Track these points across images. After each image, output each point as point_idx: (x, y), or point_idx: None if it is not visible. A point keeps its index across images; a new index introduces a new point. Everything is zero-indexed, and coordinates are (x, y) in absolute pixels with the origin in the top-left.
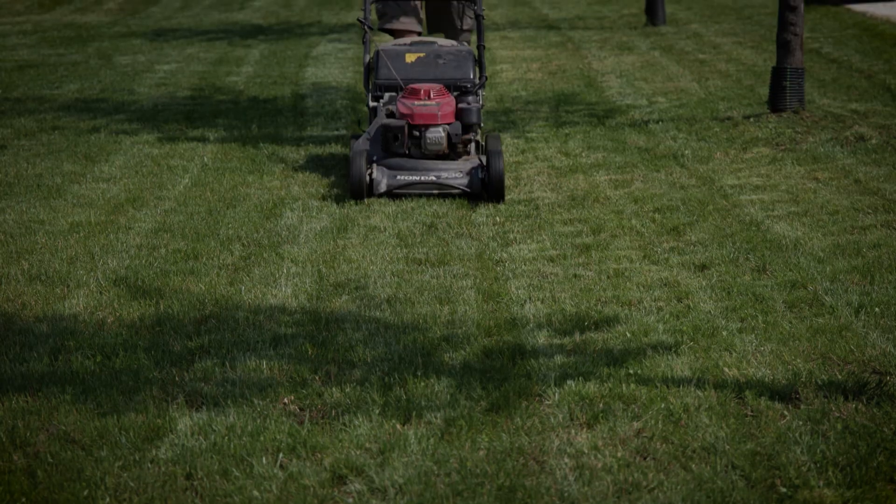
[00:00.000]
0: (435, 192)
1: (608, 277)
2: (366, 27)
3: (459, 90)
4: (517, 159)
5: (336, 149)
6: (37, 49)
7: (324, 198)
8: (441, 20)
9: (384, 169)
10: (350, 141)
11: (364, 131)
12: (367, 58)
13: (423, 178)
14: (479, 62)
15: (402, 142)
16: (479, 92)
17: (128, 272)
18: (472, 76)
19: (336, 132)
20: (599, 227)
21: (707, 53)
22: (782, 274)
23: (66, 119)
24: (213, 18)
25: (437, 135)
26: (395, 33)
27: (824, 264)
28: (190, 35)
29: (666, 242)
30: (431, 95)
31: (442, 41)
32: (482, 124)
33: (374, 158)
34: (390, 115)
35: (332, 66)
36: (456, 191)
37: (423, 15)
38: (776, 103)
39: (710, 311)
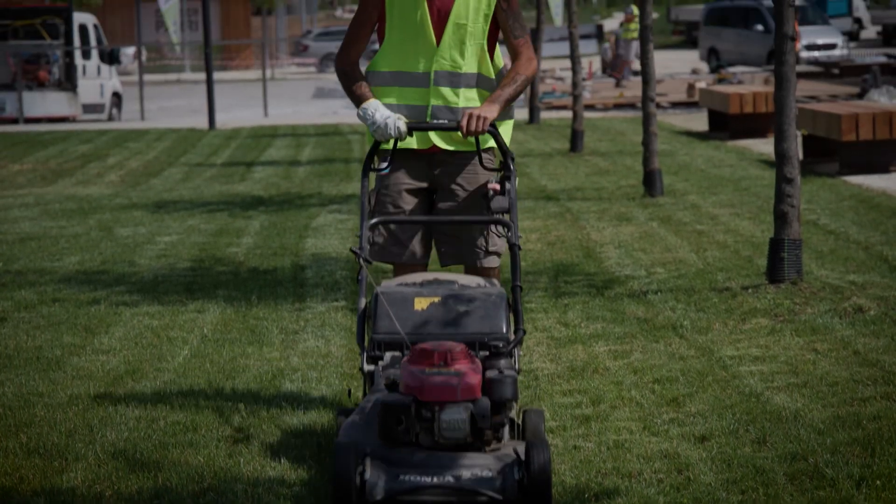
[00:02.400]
0: (454, 500)
1: (608, 449)
2: (361, 259)
3: (488, 351)
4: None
5: (337, 319)
6: (38, 222)
7: (323, 369)
8: (457, 248)
9: (382, 466)
10: (336, 419)
11: (356, 406)
12: (364, 302)
13: (436, 479)
14: (513, 309)
15: (407, 426)
16: (515, 352)
17: (126, 445)
18: (504, 330)
19: (336, 303)
20: (599, 398)
21: (705, 224)
22: (783, 446)
23: (67, 291)
24: (214, 190)
25: (456, 417)
26: (398, 268)
27: (824, 436)
28: (191, 207)
29: (666, 413)
30: (449, 360)
31: (463, 278)
32: (518, 398)
33: (368, 450)
34: (391, 386)
35: (332, 237)
36: (483, 498)
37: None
38: (774, 274)
39: (710, 484)
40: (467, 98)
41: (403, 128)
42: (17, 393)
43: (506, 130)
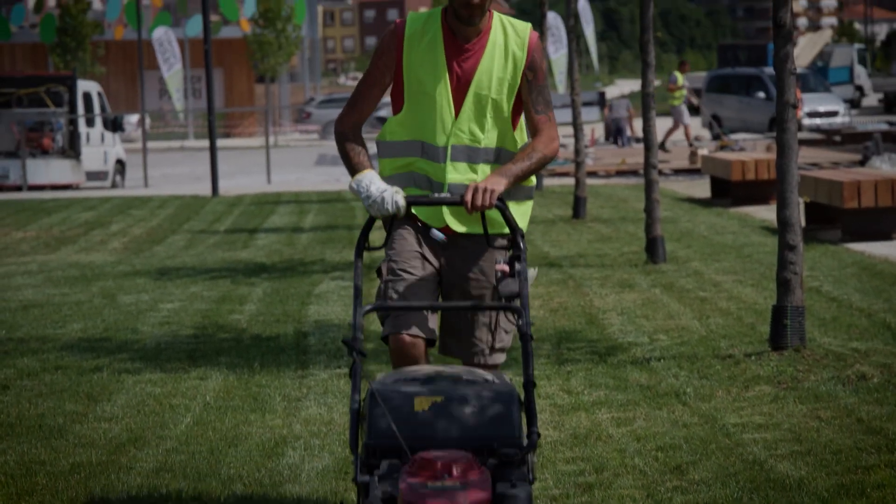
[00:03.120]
0: None
1: None
2: (355, 352)
3: (498, 460)
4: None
5: (339, 385)
6: (41, 289)
7: (325, 436)
8: (459, 341)
9: None
10: None
11: None
12: (357, 401)
13: None
14: (526, 409)
15: None
16: (529, 458)
17: None
18: (516, 434)
19: (339, 370)
20: (602, 466)
21: (708, 291)
22: None
23: (69, 358)
24: (217, 257)
25: None
26: (398, 355)
27: None
28: (194, 274)
29: (669, 481)
30: (453, 471)
31: (469, 373)
32: None
33: None
34: (388, 501)
35: (335, 304)
36: None
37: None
38: (777, 341)
39: None
40: (486, 175)
41: (402, 202)
42: (18, 461)
43: (523, 212)
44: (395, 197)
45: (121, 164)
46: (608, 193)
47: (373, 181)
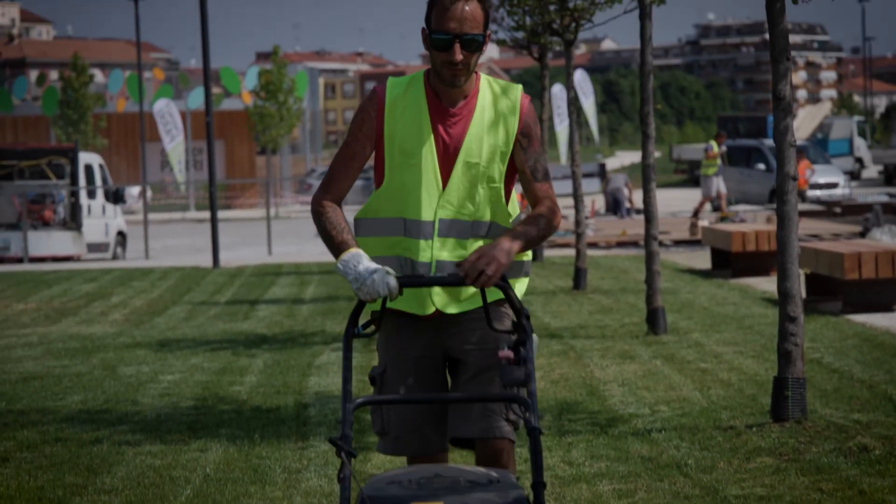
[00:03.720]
0: None
1: None
2: (343, 453)
3: None
4: (519, 469)
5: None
6: (41, 361)
7: None
8: (467, 417)
9: None
10: None
11: None
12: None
13: None
14: None
15: None
16: None
17: None
18: None
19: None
20: None
21: (709, 363)
22: None
23: (69, 430)
24: (218, 328)
25: None
26: (411, 460)
27: None
28: (194, 345)
29: None
30: None
31: (471, 473)
32: None
33: None
34: None
35: (336, 376)
36: None
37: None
38: (778, 413)
39: None
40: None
41: (394, 283)
42: None
43: (519, 290)
44: (385, 278)
45: (122, 236)
46: (609, 264)
47: (360, 261)
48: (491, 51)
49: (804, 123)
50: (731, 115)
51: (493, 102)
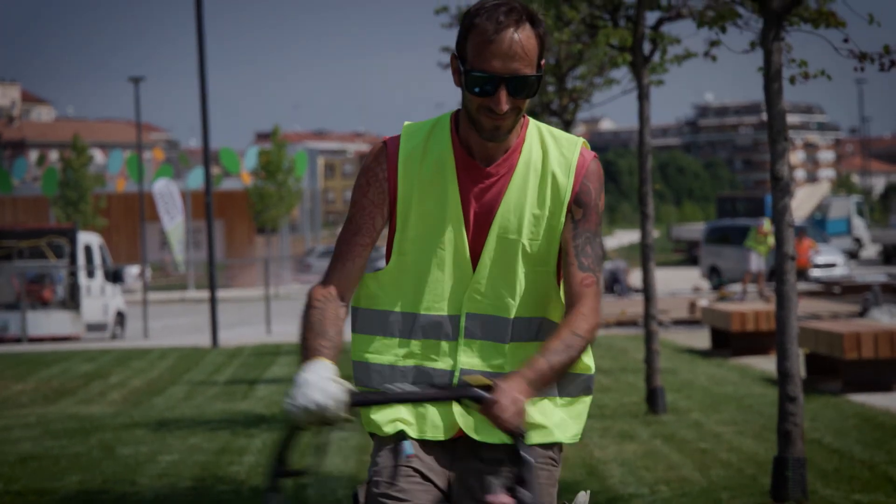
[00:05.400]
0: None
1: None
2: None
3: None
4: None
5: None
6: (40, 441)
7: None
8: None
9: None
10: None
11: None
12: None
13: None
14: None
15: None
16: None
17: None
18: None
19: None
20: None
21: (708, 442)
22: None
23: None
24: (216, 408)
25: None
26: None
27: None
28: (193, 425)
29: None
30: None
31: None
32: None
33: None
34: None
35: (334, 455)
36: None
37: None
38: (779, 494)
39: None
40: (520, 359)
41: (337, 396)
42: None
43: (578, 413)
44: (323, 389)
45: (121, 316)
46: (608, 344)
47: (315, 371)
48: None
49: (803, 203)
50: (730, 194)
51: (542, 159)
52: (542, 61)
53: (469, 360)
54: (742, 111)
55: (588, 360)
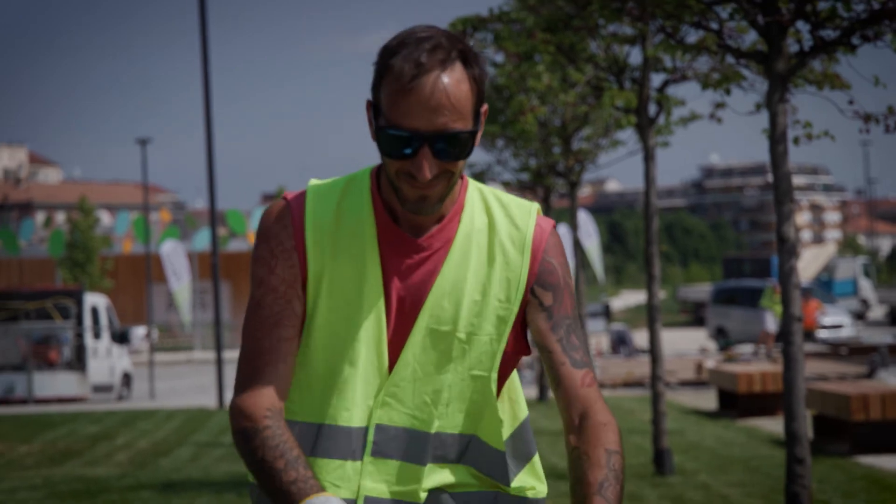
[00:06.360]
0: None
1: None
2: None
3: None
4: None
5: None
6: (45, 503)
7: None
8: None
9: None
10: None
11: None
12: None
13: None
14: None
15: None
16: None
17: None
18: None
19: None
20: None
21: None
22: None
23: None
24: (223, 470)
25: None
26: None
27: None
28: (199, 487)
29: None
30: None
31: None
32: None
33: None
34: None
35: None
36: None
37: None
38: None
39: None
40: (444, 483)
41: None
42: None
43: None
44: None
45: (127, 377)
46: (614, 405)
47: None
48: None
49: (809, 264)
50: (737, 255)
51: (487, 230)
52: (483, 107)
53: (375, 485)
54: (747, 172)
55: (540, 483)
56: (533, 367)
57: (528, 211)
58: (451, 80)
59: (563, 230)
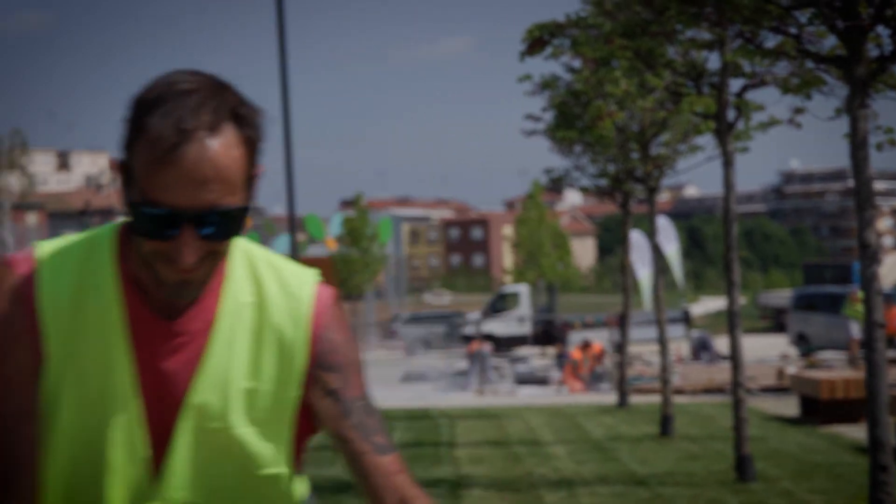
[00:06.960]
0: None
1: None
2: None
3: None
4: None
5: None
6: None
7: None
8: None
9: None
10: None
11: None
12: None
13: None
14: None
15: None
16: None
17: None
18: None
19: None
20: None
21: None
22: None
23: None
24: (303, 475)
25: None
26: None
27: None
28: None
29: None
30: None
31: None
32: None
33: None
34: None
35: None
36: None
37: None
38: None
39: None
40: None
41: None
42: None
43: None
44: None
45: None
46: (695, 411)
47: None
48: (574, 198)
49: (891, 270)
50: (817, 262)
51: (257, 304)
52: (257, 168)
53: None
54: (828, 178)
55: (300, 485)
56: (611, 374)
57: (303, 280)
58: (221, 147)
59: (637, 235)
